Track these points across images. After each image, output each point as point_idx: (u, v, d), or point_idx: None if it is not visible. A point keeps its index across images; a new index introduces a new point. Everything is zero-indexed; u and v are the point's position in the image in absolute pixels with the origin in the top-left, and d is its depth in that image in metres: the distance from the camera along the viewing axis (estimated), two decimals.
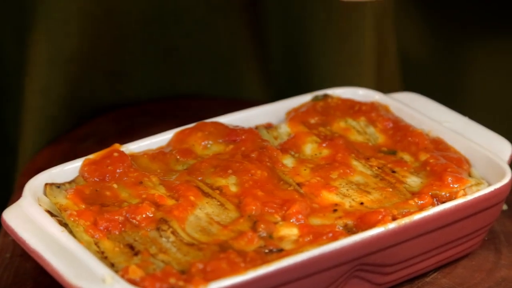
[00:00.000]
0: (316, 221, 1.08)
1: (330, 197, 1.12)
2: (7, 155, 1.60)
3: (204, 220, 1.08)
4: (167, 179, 1.14)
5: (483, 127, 1.24)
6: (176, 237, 1.05)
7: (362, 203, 1.11)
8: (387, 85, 1.69)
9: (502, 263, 1.16)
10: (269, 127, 1.25)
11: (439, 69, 1.78)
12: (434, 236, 1.09)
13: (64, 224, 1.06)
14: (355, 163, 1.18)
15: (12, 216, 1.06)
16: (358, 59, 1.59)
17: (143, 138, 1.20)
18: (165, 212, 1.07)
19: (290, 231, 1.06)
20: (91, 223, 1.06)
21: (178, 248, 1.04)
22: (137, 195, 1.11)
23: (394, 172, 1.17)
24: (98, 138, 1.47)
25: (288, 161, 1.18)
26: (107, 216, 1.06)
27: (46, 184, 1.12)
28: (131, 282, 0.97)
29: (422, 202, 1.10)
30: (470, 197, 1.10)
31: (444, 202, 1.10)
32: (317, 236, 1.05)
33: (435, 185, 1.13)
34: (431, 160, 1.17)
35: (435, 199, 1.11)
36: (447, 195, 1.12)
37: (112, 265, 1.02)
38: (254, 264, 1.00)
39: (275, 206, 1.09)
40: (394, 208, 1.09)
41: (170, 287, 0.97)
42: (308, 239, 1.05)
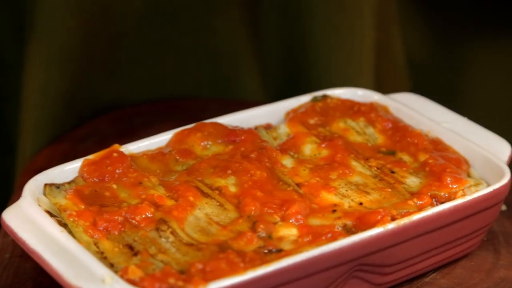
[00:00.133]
0: (315, 221, 1.08)
1: (329, 197, 1.12)
2: (7, 155, 1.60)
3: (204, 221, 1.08)
4: (166, 180, 1.14)
5: (482, 128, 1.24)
6: (175, 237, 1.05)
7: (361, 204, 1.11)
8: (387, 85, 1.69)
9: (501, 263, 1.16)
10: (268, 127, 1.25)
11: (439, 69, 1.79)
12: (433, 236, 1.09)
13: (63, 225, 1.06)
14: (354, 163, 1.18)
15: (11, 217, 1.06)
16: (357, 58, 1.59)
17: (143, 139, 1.20)
18: (164, 213, 1.07)
19: (289, 232, 1.06)
20: (90, 224, 1.06)
21: (178, 248, 1.04)
22: (136, 195, 1.11)
23: (393, 172, 1.17)
24: (98, 139, 1.47)
25: (287, 161, 1.18)
26: (107, 216, 1.06)
27: (46, 184, 1.12)
28: (131, 282, 0.97)
29: (421, 202, 1.10)
30: (469, 197, 1.10)
31: (443, 203, 1.10)
32: (316, 236, 1.05)
33: (434, 185, 1.13)
34: (430, 161, 1.17)
35: (434, 199, 1.11)
36: (446, 195, 1.12)
37: (111, 265, 1.02)
38: (253, 264, 1.00)
39: (274, 206, 1.09)
40: (393, 209, 1.09)
41: (170, 287, 0.97)
42: (307, 239, 1.05)
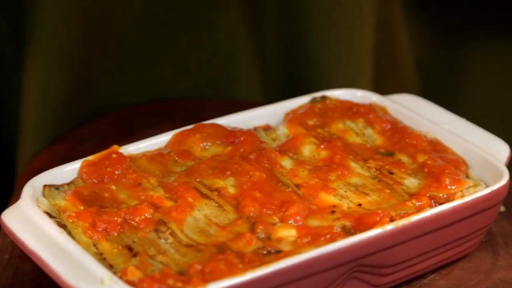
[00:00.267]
0: (314, 222, 1.08)
1: (328, 198, 1.12)
2: (7, 155, 1.60)
3: (203, 222, 1.08)
4: (165, 181, 1.14)
5: (481, 129, 1.24)
6: (174, 238, 1.05)
7: (360, 205, 1.11)
8: (390, 85, 1.69)
9: (499, 264, 1.16)
10: (267, 128, 1.25)
11: (439, 70, 1.79)
12: (431, 237, 1.09)
13: (62, 226, 1.06)
14: (353, 164, 1.18)
15: (11, 218, 1.07)
16: (357, 58, 1.58)
17: (142, 140, 1.20)
18: (163, 214, 1.07)
19: (288, 233, 1.06)
20: (89, 225, 1.06)
21: (177, 250, 1.04)
22: (135, 196, 1.11)
23: (392, 173, 1.17)
24: (97, 139, 1.47)
25: (286, 162, 1.18)
26: (106, 217, 1.06)
27: (45, 185, 1.12)
28: (130, 283, 0.97)
29: (419, 203, 1.10)
30: (467, 198, 1.10)
31: (441, 204, 1.10)
32: (315, 237, 1.05)
33: (433, 186, 1.13)
34: (429, 162, 1.17)
35: (432, 200, 1.12)
36: (445, 196, 1.12)
37: (110, 266, 1.02)
38: (252, 265, 1.00)
39: (273, 207, 1.09)
40: (392, 210, 1.09)
41: None
42: (306, 240, 1.05)
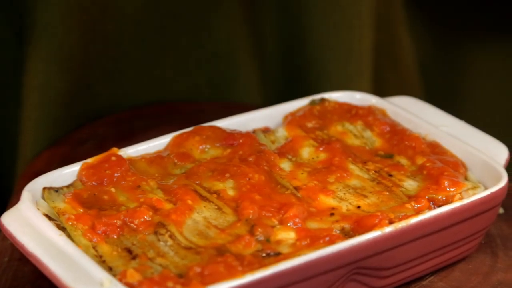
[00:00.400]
0: (313, 224, 1.08)
1: (327, 200, 1.12)
2: (6, 157, 1.60)
3: (202, 224, 1.08)
4: (164, 183, 1.14)
5: (479, 131, 1.24)
6: (173, 241, 1.05)
7: (359, 207, 1.11)
8: (390, 86, 1.69)
9: (498, 266, 1.16)
10: (266, 131, 1.26)
11: (438, 71, 1.79)
12: (430, 239, 1.09)
13: (62, 228, 1.06)
14: (352, 167, 1.18)
15: (10, 220, 1.07)
16: (356, 58, 1.59)
17: (141, 142, 1.20)
18: (163, 216, 1.07)
19: (287, 235, 1.06)
20: (89, 227, 1.06)
21: (176, 252, 1.04)
22: (135, 199, 1.11)
23: (391, 175, 1.17)
24: (97, 142, 1.47)
25: (285, 165, 1.18)
26: (105, 220, 1.06)
27: (44, 188, 1.12)
28: (129, 286, 0.97)
29: (418, 205, 1.10)
30: (466, 200, 1.10)
31: (440, 206, 1.10)
32: (314, 239, 1.05)
33: (432, 188, 1.13)
34: (428, 164, 1.17)
35: (431, 202, 1.12)
36: (444, 198, 1.12)
37: (110, 269, 1.02)
38: (252, 267, 1.00)
39: (273, 210, 1.09)
40: (390, 212, 1.09)
41: None
42: (305, 242, 1.05)
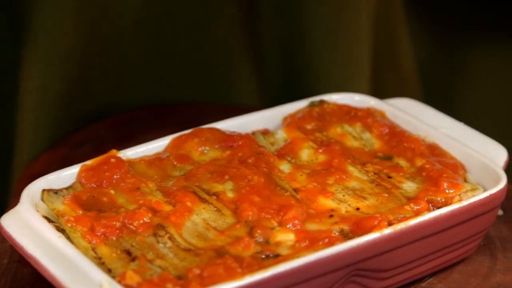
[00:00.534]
0: (312, 226, 1.08)
1: (327, 202, 1.12)
2: (4, 159, 1.60)
3: (201, 226, 1.08)
4: (164, 185, 1.14)
5: (478, 133, 1.24)
6: (173, 242, 1.05)
7: (358, 209, 1.11)
8: (387, 87, 1.69)
9: (497, 268, 1.16)
10: (265, 133, 1.26)
11: (437, 72, 1.78)
12: (429, 241, 1.09)
13: (61, 230, 1.06)
14: (351, 168, 1.18)
15: (10, 222, 1.07)
16: (354, 60, 1.58)
17: (140, 144, 1.21)
18: (162, 218, 1.08)
19: (286, 237, 1.07)
20: (88, 229, 1.06)
21: (175, 254, 1.04)
22: (134, 201, 1.11)
23: (390, 177, 1.17)
24: (96, 144, 1.48)
25: (284, 166, 1.19)
26: (104, 222, 1.06)
27: (44, 190, 1.12)
28: (128, 287, 0.98)
29: (417, 207, 1.10)
30: (465, 202, 1.10)
31: (439, 208, 1.10)
32: (313, 241, 1.05)
33: (431, 190, 1.13)
34: (427, 166, 1.17)
35: (430, 204, 1.12)
36: (443, 200, 1.12)
37: (109, 270, 1.02)
38: (251, 269, 1.00)
39: (272, 211, 1.09)
40: (390, 214, 1.09)
41: None
42: (305, 244, 1.05)
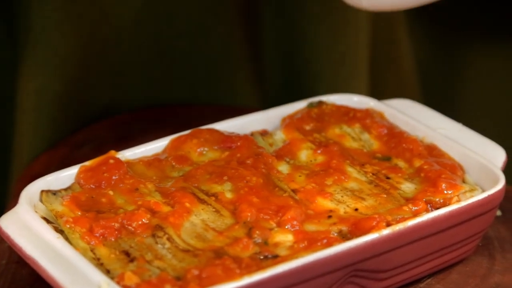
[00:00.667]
0: (311, 227, 1.09)
1: (325, 203, 1.12)
2: (4, 160, 1.60)
3: (200, 227, 1.08)
4: (162, 186, 1.14)
5: (477, 134, 1.24)
6: (171, 243, 1.05)
7: (356, 209, 1.11)
8: (387, 87, 1.69)
9: (496, 269, 1.16)
10: (264, 133, 1.26)
11: (436, 72, 1.78)
12: (428, 242, 1.09)
13: (60, 231, 1.07)
14: (350, 169, 1.18)
15: (8, 223, 1.07)
16: (353, 61, 1.59)
17: (139, 145, 1.21)
18: (160, 219, 1.08)
19: (285, 237, 1.07)
20: (87, 230, 1.06)
21: (174, 255, 1.04)
22: (133, 201, 1.11)
23: (388, 178, 1.17)
24: (95, 145, 1.48)
25: (283, 167, 1.19)
26: (103, 222, 1.06)
27: (42, 191, 1.12)
28: None
29: (416, 208, 1.11)
30: (464, 203, 1.10)
31: (438, 208, 1.10)
32: (312, 242, 1.05)
33: (429, 191, 1.13)
34: (425, 167, 1.17)
35: (429, 205, 1.12)
36: (441, 201, 1.12)
37: (107, 271, 1.02)
38: (249, 270, 1.00)
39: (270, 212, 1.09)
40: (388, 214, 1.09)
41: None
42: (303, 245, 1.05)
